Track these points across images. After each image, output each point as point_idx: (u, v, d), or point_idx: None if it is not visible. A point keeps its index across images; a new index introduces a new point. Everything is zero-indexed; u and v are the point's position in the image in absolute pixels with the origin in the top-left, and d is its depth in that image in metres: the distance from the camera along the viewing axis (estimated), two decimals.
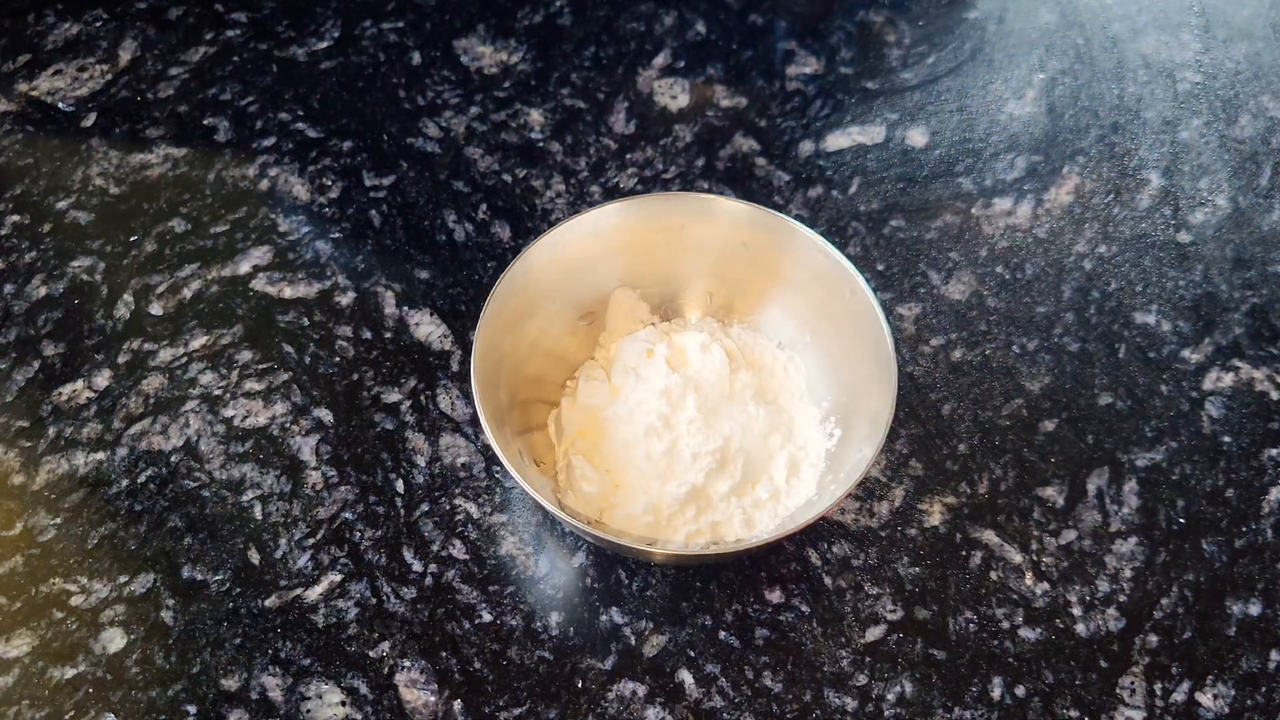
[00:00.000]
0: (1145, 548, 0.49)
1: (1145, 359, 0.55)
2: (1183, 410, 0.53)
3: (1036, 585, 0.48)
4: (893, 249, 0.59)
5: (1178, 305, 0.57)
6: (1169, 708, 0.45)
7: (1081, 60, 0.67)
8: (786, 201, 0.61)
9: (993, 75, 0.67)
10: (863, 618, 0.47)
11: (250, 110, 0.65)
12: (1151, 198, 0.61)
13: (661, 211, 0.50)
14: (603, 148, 0.63)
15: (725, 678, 0.45)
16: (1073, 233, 0.59)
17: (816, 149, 0.63)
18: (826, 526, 0.49)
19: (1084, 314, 0.56)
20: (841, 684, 0.45)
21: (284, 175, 0.62)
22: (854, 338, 0.47)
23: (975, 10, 0.70)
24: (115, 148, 0.63)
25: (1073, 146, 0.63)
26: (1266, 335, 0.56)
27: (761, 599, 0.47)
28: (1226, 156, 0.63)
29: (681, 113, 0.65)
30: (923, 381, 0.54)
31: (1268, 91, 0.66)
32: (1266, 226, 0.60)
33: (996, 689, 0.45)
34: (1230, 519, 0.50)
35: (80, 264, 0.58)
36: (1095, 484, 0.51)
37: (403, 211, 0.60)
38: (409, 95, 0.65)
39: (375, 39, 0.68)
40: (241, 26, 0.69)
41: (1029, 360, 0.54)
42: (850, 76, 0.66)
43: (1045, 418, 0.53)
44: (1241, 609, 0.47)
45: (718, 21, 0.69)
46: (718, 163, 0.63)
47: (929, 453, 0.51)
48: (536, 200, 0.61)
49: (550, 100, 0.65)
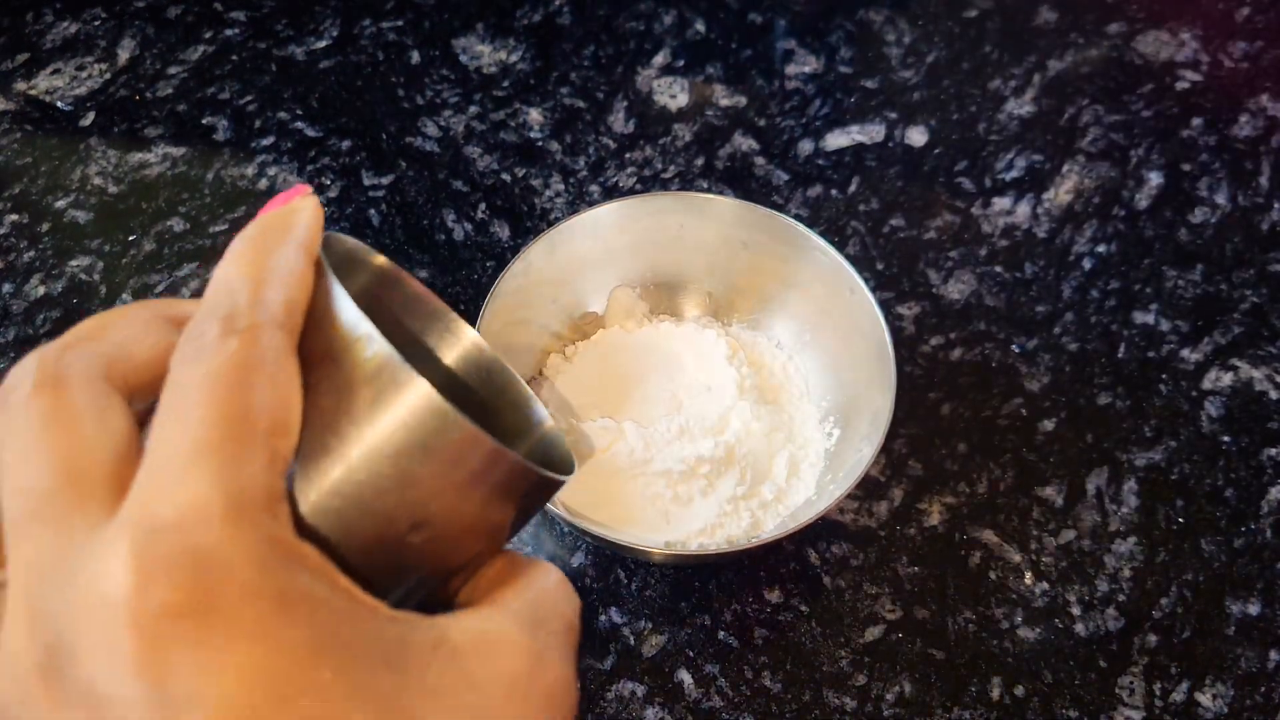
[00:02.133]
0: (1144, 547, 0.49)
1: (1144, 358, 0.55)
2: (1182, 410, 0.53)
3: (1035, 585, 0.48)
4: (892, 248, 0.59)
5: (1177, 305, 0.57)
6: (1168, 707, 0.45)
7: (1080, 59, 0.67)
8: (786, 201, 0.61)
9: (992, 74, 0.67)
10: (862, 617, 0.47)
11: (249, 109, 0.65)
12: (1151, 197, 0.61)
13: (661, 211, 0.50)
14: (602, 147, 0.63)
15: (724, 677, 0.45)
16: (1072, 232, 0.59)
17: (816, 148, 0.63)
18: (826, 526, 0.49)
19: (1083, 313, 0.56)
20: (840, 684, 0.45)
21: (283, 174, 0.62)
22: (853, 337, 0.47)
23: (975, 9, 0.70)
24: (114, 147, 0.63)
25: (1072, 146, 0.63)
26: (1266, 335, 0.56)
27: (760, 599, 0.47)
28: (1226, 156, 0.63)
29: (681, 112, 0.65)
30: (922, 381, 0.54)
31: (1267, 91, 0.66)
32: (1266, 226, 0.60)
33: (995, 689, 0.45)
34: (1229, 519, 0.50)
35: (79, 263, 0.58)
36: (1094, 484, 0.51)
37: (402, 211, 0.60)
38: (408, 94, 0.65)
39: (374, 38, 0.68)
40: (240, 25, 0.69)
41: (1028, 360, 0.54)
42: (850, 75, 0.66)
43: (1044, 417, 0.53)
44: (1241, 609, 0.47)
45: (717, 20, 0.69)
46: (717, 162, 0.62)
47: (928, 452, 0.51)
48: (536, 200, 0.61)
49: (549, 99, 0.65)
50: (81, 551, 0.17)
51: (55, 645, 0.16)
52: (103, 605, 0.16)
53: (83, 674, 0.16)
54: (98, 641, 0.16)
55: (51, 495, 0.17)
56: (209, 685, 0.16)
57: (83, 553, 0.17)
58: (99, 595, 0.16)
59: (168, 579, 0.16)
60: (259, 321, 0.19)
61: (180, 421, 0.18)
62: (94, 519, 0.17)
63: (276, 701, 0.16)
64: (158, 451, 0.17)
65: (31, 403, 0.18)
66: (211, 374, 0.18)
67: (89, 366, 0.19)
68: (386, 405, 0.19)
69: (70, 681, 0.16)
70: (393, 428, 0.19)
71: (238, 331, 0.18)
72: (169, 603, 0.16)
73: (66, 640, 0.16)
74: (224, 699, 0.16)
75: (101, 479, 0.18)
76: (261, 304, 0.19)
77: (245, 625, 0.16)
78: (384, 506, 0.19)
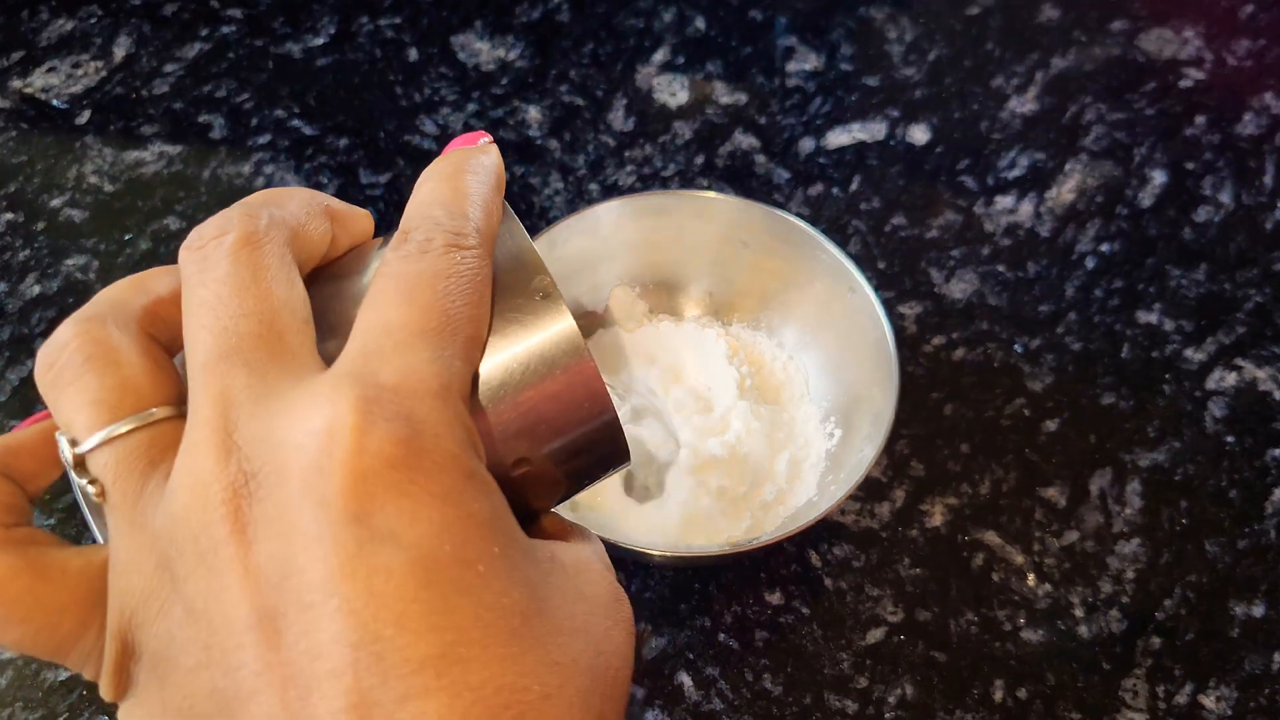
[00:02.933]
0: (1148, 549, 0.48)
1: (1148, 358, 0.54)
2: (1186, 410, 0.53)
3: (1039, 586, 0.47)
4: (894, 247, 0.58)
5: (1181, 304, 0.56)
6: (1172, 710, 0.44)
7: (1083, 57, 0.67)
8: (787, 199, 0.60)
9: (995, 72, 0.66)
10: (863, 619, 0.46)
11: (245, 107, 0.64)
12: (1154, 196, 0.61)
13: (661, 210, 0.50)
14: (601, 145, 0.63)
15: (725, 680, 0.45)
16: (1075, 231, 0.59)
17: (817, 146, 0.63)
18: (827, 527, 0.49)
19: (1086, 313, 0.56)
20: (842, 686, 0.45)
21: (279, 173, 0.61)
22: (855, 337, 0.47)
23: (977, 6, 0.69)
24: (109, 145, 0.63)
25: (1075, 144, 0.63)
26: (1270, 335, 0.55)
27: (761, 601, 0.47)
28: (1230, 155, 0.62)
29: (681, 110, 0.64)
30: (924, 381, 0.53)
31: (1271, 89, 0.65)
32: (1270, 225, 0.59)
33: (998, 691, 0.45)
34: (1233, 520, 0.49)
35: (74, 262, 0.58)
36: (1098, 484, 0.50)
37: (399, 209, 0.60)
38: (406, 92, 0.65)
39: (372, 35, 0.68)
40: (237, 23, 0.68)
41: (1031, 360, 0.54)
42: (851, 73, 0.66)
43: (1047, 417, 0.52)
44: (1245, 610, 0.47)
45: (717, 18, 0.69)
46: (717, 160, 0.62)
47: (930, 453, 0.51)
48: (534, 198, 0.60)
49: (548, 97, 0.65)
50: (289, 393, 0.18)
51: (254, 472, 0.18)
52: (320, 440, 0.17)
53: (281, 502, 0.17)
54: (308, 472, 0.17)
55: (254, 339, 0.19)
56: (408, 528, 0.17)
57: (291, 394, 0.18)
58: (316, 431, 0.17)
59: (388, 431, 0.17)
60: (475, 244, 0.21)
61: (403, 305, 0.19)
62: (295, 370, 0.19)
63: (459, 560, 0.17)
64: (377, 325, 0.19)
65: (238, 252, 0.20)
66: (434, 274, 0.20)
67: (281, 234, 0.21)
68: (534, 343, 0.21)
69: (263, 507, 0.17)
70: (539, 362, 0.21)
71: (459, 248, 0.21)
72: (386, 451, 0.17)
73: (269, 469, 0.17)
74: (418, 543, 0.17)
75: (298, 336, 0.19)
76: (475, 227, 0.21)
77: (443, 488, 0.18)
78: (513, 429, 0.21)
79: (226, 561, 0.17)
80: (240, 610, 0.17)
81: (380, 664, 0.16)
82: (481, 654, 0.17)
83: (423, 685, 0.17)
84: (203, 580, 0.18)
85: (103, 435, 0.19)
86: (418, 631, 0.17)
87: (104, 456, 0.19)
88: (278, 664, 0.17)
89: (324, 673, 0.17)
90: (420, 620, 0.17)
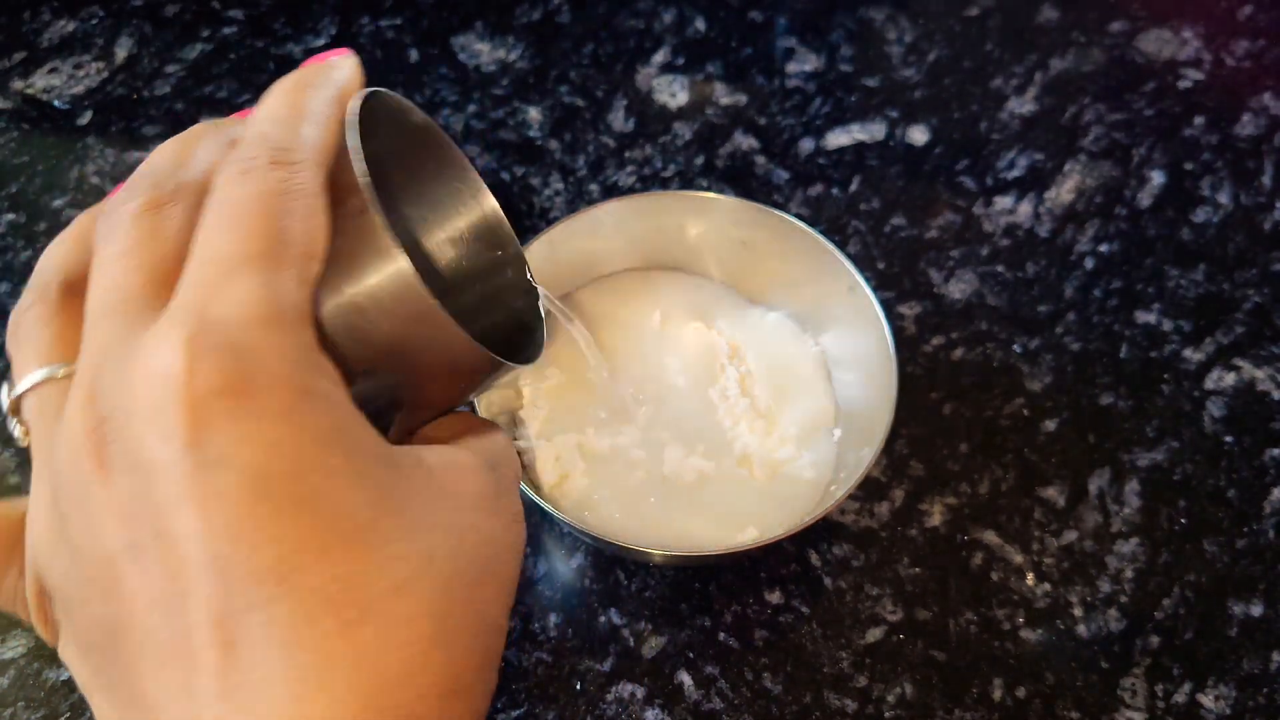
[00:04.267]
0: (1146, 548, 0.49)
1: (1147, 358, 0.54)
2: (1184, 410, 0.53)
3: (1037, 586, 0.47)
4: (893, 247, 0.58)
5: (1179, 304, 0.56)
6: (1170, 709, 0.45)
7: (1082, 57, 0.67)
8: (786, 200, 0.60)
9: (994, 73, 0.66)
10: (863, 619, 0.47)
11: (247, 108, 0.64)
12: (1153, 196, 0.61)
13: (661, 210, 0.50)
14: (601, 146, 0.63)
15: (725, 679, 0.45)
16: (1074, 231, 0.59)
17: (817, 147, 0.63)
18: (826, 527, 0.49)
19: (1085, 313, 0.56)
20: (841, 685, 0.45)
21: None
22: (854, 337, 0.47)
23: (976, 7, 0.70)
24: (111, 145, 0.63)
25: (1074, 144, 0.63)
26: (1268, 335, 0.55)
27: (761, 600, 0.47)
28: (1229, 155, 0.62)
29: (681, 110, 0.64)
30: (923, 381, 0.53)
31: (1270, 89, 0.65)
32: (1268, 225, 0.60)
33: (997, 690, 0.45)
34: (1232, 519, 0.49)
35: None
36: (1096, 484, 0.50)
37: None
38: (407, 93, 0.65)
39: (373, 36, 0.68)
40: (238, 24, 0.68)
41: (1030, 360, 0.54)
42: (851, 74, 0.66)
43: (1046, 417, 0.52)
44: (1243, 610, 0.47)
45: (717, 19, 0.69)
46: (717, 161, 0.62)
47: (929, 453, 0.51)
48: (535, 198, 0.61)
49: (549, 98, 0.65)
50: (141, 337, 0.19)
51: (108, 416, 0.19)
52: (156, 380, 0.18)
53: (130, 440, 0.19)
54: (149, 411, 0.18)
55: (136, 293, 0.20)
56: (240, 451, 0.18)
57: (141, 339, 0.19)
58: (152, 373, 0.18)
59: (216, 363, 0.18)
60: (303, 159, 0.21)
61: (228, 232, 0.20)
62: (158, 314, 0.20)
63: (292, 474, 0.18)
64: (206, 255, 0.20)
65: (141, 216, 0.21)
66: (258, 195, 0.20)
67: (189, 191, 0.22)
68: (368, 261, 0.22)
69: (117, 447, 0.19)
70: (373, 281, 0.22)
71: (285, 164, 0.21)
72: (214, 383, 0.18)
73: (120, 411, 0.19)
74: (250, 464, 0.18)
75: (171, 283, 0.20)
76: (305, 142, 0.22)
77: (274, 408, 0.19)
78: (364, 344, 0.22)
79: (94, 500, 0.19)
80: (111, 543, 0.19)
81: (225, 579, 0.18)
82: (321, 558, 0.18)
83: (267, 594, 0.18)
84: (80, 519, 0.19)
85: (25, 384, 0.22)
86: (255, 545, 0.18)
87: (29, 403, 0.22)
88: (144, 589, 0.19)
89: (183, 592, 0.18)
90: (256, 533, 0.18)
